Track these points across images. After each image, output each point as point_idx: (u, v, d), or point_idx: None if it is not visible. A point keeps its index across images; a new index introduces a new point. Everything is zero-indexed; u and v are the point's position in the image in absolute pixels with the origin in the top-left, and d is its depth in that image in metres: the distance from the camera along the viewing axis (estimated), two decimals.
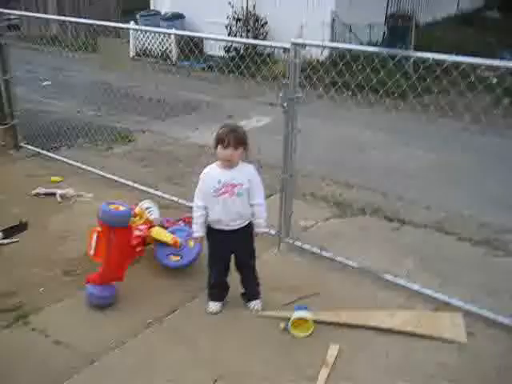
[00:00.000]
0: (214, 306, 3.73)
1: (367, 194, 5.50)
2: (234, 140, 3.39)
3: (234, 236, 3.57)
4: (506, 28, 14.93)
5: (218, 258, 3.69)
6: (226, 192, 3.46)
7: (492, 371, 3.24)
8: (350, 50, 4.28)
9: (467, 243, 4.69)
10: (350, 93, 4.96)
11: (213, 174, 3.51)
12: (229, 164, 3.47)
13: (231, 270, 3.77)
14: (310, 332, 3.50)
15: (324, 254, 4.40)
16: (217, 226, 3.57)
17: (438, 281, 4.13)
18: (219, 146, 3.42)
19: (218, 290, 3.77)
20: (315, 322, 3.54)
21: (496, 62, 3.44)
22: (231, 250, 3.65)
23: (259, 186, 3.58)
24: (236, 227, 3.55)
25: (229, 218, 3.51)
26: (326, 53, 10.73)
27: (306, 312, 3.54)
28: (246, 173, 3.52)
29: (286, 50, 4.13)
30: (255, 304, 3.75)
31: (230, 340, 3.47)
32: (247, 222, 3.60)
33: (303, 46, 4.09)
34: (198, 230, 3.60)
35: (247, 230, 3.62)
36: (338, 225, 5.00)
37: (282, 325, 3.55)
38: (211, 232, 3.62)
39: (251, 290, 3.79)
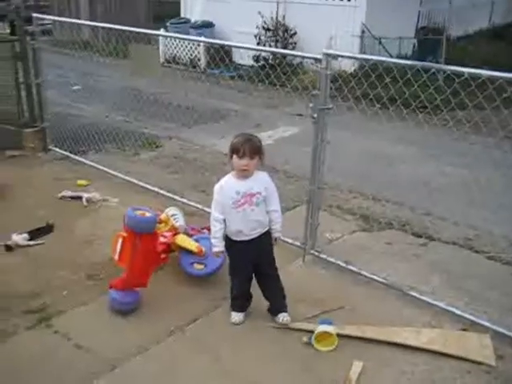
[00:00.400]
0: (236, 316, 3.69)
1: (395, 209, 5.43)
2: (250, 149, 3.36)
3: (253, 245, 3.53)
4: None
5: (239, 268, 3.66)
6: (246, 203, 3.43)
7: None
8: (382, 62, 4.22)
9: (496, 262, 4.59)
10: (381, 106, 4.90)
11: (230, 185, 3.47)
12: (244, 174, 3.43)
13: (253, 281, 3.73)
14: (333, 347, 3.44)
15: (349, 267, 4.34)
16: (236, 238, 3.53)
17: (466, 299, 4.04)
18: (234, 156, 3.39)
19: (240, 301, 3.73)
20: (339, 336, 3.48)
21: None
22: (251, 259, 3.60)
23: (275, 193, 3.57)
24: (255, 235, 3.52)
25: (249, 227, 3.48)
26: (356, 65, 10.70)
27: (331, 326, 3.48)
28: (261, 181, 3.50)
29: (317, 60, 4.11)
30: (283, 316, 3.65)
31: (252, 351, 3.43)
32: (265, 230, 3.57)
33: (335, 57, 4.05)
34: (218, 245, 3.56)
35: (266, 238, 3.59)
36: (364, 238, 4.93)
37: (305, 338, 3.50)
38: (231, 243, 3.58)
39: (277, 302, 3.71)
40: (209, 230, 4.53)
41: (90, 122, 7.32)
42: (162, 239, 4.08)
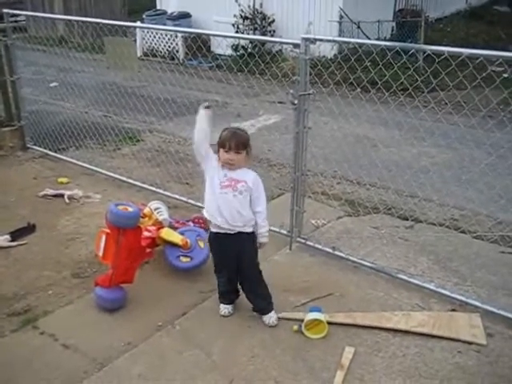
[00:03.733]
0: (225, 309, 3.65)
1: (380, 192, 5.41)
2: (236, 143, 3.32)
3: (236, 241, 3.43)
4: None
5: (222, 266, 3.59)
6: (230, 186, 3.37)
7: None
8: (361, 46, 4.19)
9: (483, 241, 4.59)
10: (362, 89, 4.87)
11: (221, 168, 3.42)
12: (232, 169, 3.39)
13: None
14: (324, 334, 3.42)
15: (337, 253, 4.31)
16: (219, 229, 3.43)
17: (454, 280, 4.04)
18: (221, 150, 3.36)
19: (228, 296, 3.68)
20: (329, 323, 3.46)
21: None
22: (233, 256, 3.49)
23: (262, 195, 3.49)
24: (238, 230, 3.41)
25: (230, 215, 3.36)
26: (335, 50, 10.67)
27: (320, 313, 3.45)
28: (250, 177, 3.44)
29: (296, 45, 4.05)
30: (269, 318, 3.56)
31: (242, 343, 3.39)
32: (249, 230, 3.45)
33: (314, 41, 4.00)
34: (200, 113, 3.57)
35: (248, 240, 3.47)
36: (350, 224, 4.91)
37: (296, 326, 3.47)
38: (214, 238, 3.52)
39: (259, 304, 3.60)
40: (194, 222, 4.52)
41: (69, 119, 7.21)
42: (146, 234, 4.02)
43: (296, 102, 4.10)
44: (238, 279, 3.62)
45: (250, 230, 3.46)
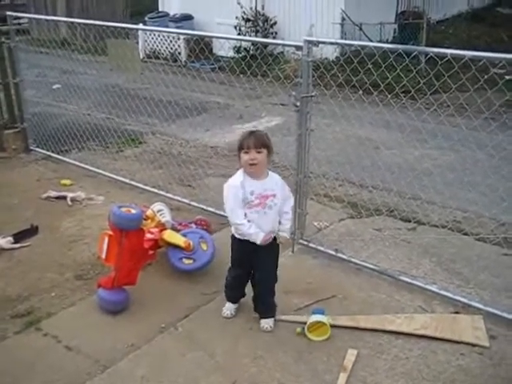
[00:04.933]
0: (228, 310, 3.63)
1: (382, 194, 5.41)
2: (255, 142, 3.23)
3: (256, 248, 3.37)
4: None
5: (238, 261, 3.53)
6: (259, 205, 3.29)
7: None
8: (363, 48, 4.19)
9: (486, 243, 4.59)
10: (364, 92, 4.88)
11: (246, 183, 3.29)
12: (254, 171, 3.27)
13: None
14: (326, 336, 3.42)
15: (339, 255, 4.32)
16: (240, 236, 3.41)
17: (457, 282, 4.05)
18: (242, 152, 3.26)
19: (234, 291, 3.65)
20: (332, 326, 3.46)
21: None
22: (253, 263, 3.46)
23: (289, 195, 3.48)
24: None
25: (260, 228, 3.32)
26: (337, 52, 10.67)
27: (323, 316, 3.45)
28: (275, 182, 3.37)
29: (298, 47, 4.06)
30: (266, 323, 3.52)
31: (245, 345, 3.39)
32: (274, 234, 3.43)
33: (316, 43, 4.01)
34: (257, 232, 3.31)
35: (272, 246, 3.44)
36: (353, 226, 4.91)
37: (299, 329, 3.47)
38: (236, 241, 3.46)
39: (264, 309, 3.58)
40: (196, 223, 4.53)
41: (72, 121, 7.21)
42: (148, 236, 4.02)
43: (298, 104, 4.10)
44: (248, 280, 3.59)
45: (274, 234, 3.43)
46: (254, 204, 3.28)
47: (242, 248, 3.44)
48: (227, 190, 3.36)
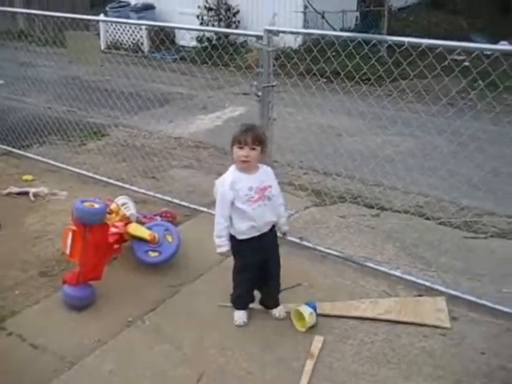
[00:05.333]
0: (240, 319, 3.50)
1: (346, 182, 5.47)
2: (251, 139, 3.17)
3: (263, 240, 3.36)
4: (476, 11, 15.03)
5: (249, 267, 3.41)
6: (260, 199, 3.24)
7: (476, 355, 3.23)
8: (323, 37, 4.21)
9: (447, 227, 4.70)
10: (325, 80, 4.91)
11: (241, 180, 3.24)
12: (246, 166, 3.23)
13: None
14: (303, 329, 3.43)
15: (304, 243, 4.35)
16: (246, 236, 3.31)
17: (420, 266, 4.13)
18: (235, 147, 3.20)
19: (245, 298, 3.55)
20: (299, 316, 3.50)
21: (471, 45, 3.44)
22: (261, 256, 3.40)
23: (278, 187, 3.45)
24: (265, 230, 3.36)
25: (262, 223, 3.30)
26: (299, 40, 10.70)
27: (310, 310, 3.42)
28: (268, 173, 3.36)
29: (258, 37, 4.06)
30: (279, 311, 3.55)
31: (212, 336, 3.40)
32: (273, 224, 3.43)
33: (276, 33, 4.01)
34: (224, 244, 3.32)
35: (273, 233, 3.46)
36: (317, 213, 4.95)
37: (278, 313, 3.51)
38: (238, 244, 3.36)
39: (271, 300, 3.58)
40: (161, 216, 4.51)
41: (32, 115, 7.07)
42: (113, 230, 3.99)
43: (260, 93, 4.11)
44: (258, 282, 3.51)
45: (274, 223, 3.44)
46: (255, 199, 3.24)
47: (249, 250, 3.36)
48: (217, 188, 3.35)
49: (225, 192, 3.27)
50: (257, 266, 3.42)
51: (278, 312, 3.55)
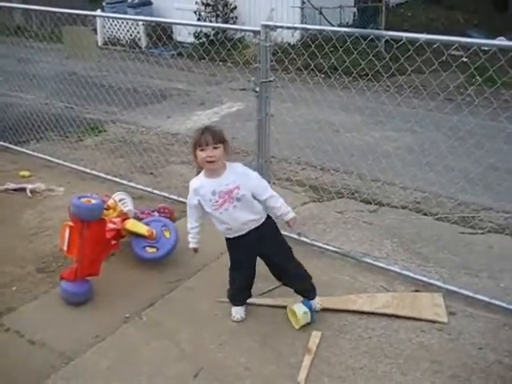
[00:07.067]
0: (238, 314, 3.50)
1: (343, 177, 5.47)
2: (212, 137, 3.10)
3: (252, 237, 3.28)
4: (473, 7, 15.04)
5: (240, 264, 3.42)
6: (225, 202, 3.17)
7: (473, 350, 3.24)
8: (321, 32, 4.20)
9: (444, 222, 4.70)
10: (323, 75, 4.90)
11: (204, 186, 3.21)
12: (213, 168, 3.16)
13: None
14: (297, 327, 3.43)
15: (302, 239, 4.36)
16: (229, 235, 3.32)
17: (418, 261, 4.13)
18: (198, 150, 3.13)
19: (242, 294, 3.53)
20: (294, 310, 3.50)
21: (469, 41, 3.43)
22: (254, 252, 3.37)
23: (259, 181, 3.30)
24: (250, 228, 3.27)
25: (238, 224, 3.24)
26: (297, 36, 10.68)
27: (304, 312, 3.41)
28: (237, 173, 3.22)
29: (256, 33, 4.05)
30: (316, 303, 3.52)
31: (210, 331, 3.40)
32: (263, 220, 3.31)
33: (273, 28, 4.00)
34: (193, 241, 3.42)
35: (268, 227, 3.34)
36: (315, 209, 4.96)
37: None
38: (227, 241, 3.38)
39: (306, 288, 3.52)
40: (159, 212, 4.51)
41: (29, 111, 7.05)
42: (111, 225, 3.98)
43: (257, 89, 4.10)
44: (254, 276, 3.49)
45: (264, 219, 3.32)
46: (219, 203, 3.18)
47: (237, 246, 3.35)
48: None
49: (189, 198, 3.33)
50: (249, 264, 3.41)
51: (315, 304, 3.50)
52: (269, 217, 3.38)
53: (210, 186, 3.19)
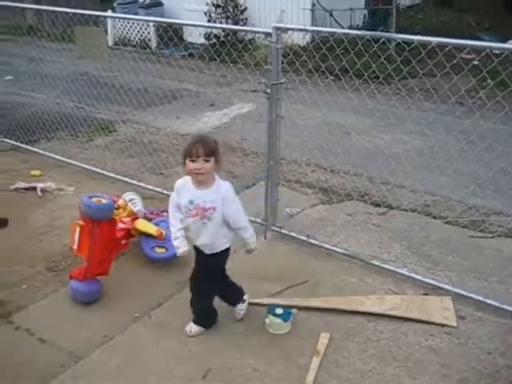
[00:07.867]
0: (192, 328, 3.43)
1: (353, 180, 5.46)
2: (203, 150, 3.00)
3: (203, 258, 3.26)
4: (484, 9, 14.98)
5: (215, 281, 3.38)
6: (197, 215, 3.10)
7: (482, 354, 3.23)
8: (332, 34, 4.20)
9: (454, 226, 4.68)
10: (334, 77, 4.90)
11: (186, 191, 3.14)
12: (200, 179, 3.08)
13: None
14: (286, 331, 3.41)
15: (311, 241, 4.36)
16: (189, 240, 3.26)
17: (427, 265, 4.12)
18: (187, 160, 3.04)
19: (215, 315, 3.48)
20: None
21: (481, 44, 3.43)
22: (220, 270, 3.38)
23: (237, 208, 3.18)
24: (207, 252, 3.24)
25: (197, 239, 3.21)
26: (307, 38, 10.67)
27: (278, 323, 3.40)
28: (218, 194, 3.10)
29: (267, 34, 4.05)
30: (241, 309, 3.52)
31: (219, 332, 3.41)
32: (216, 251, 3.23)
33: (285, 30, 4.01)
34: (183, 245, 3.20)
35: (214, 262, 3.29)
36: (324, 211, 4.95)
37: (267, 320, 3.45)
38: (198, 254, 3.31)
39: (232, 298, 3.55)
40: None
41: (41, 110, 7.10)
42: (120, 225, 4.01)
43: (268, 91, 4.11)
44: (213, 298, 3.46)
45: (228, 245, 3.28)
46: (191, 214, 3.12)
47: (208, 263, 3.30)
48: None
49: (172, 195, 3.25)
50: (219, 278, 3.40)
51: (240, 310, 3.52)
52: (224, 251, 3.27)
53: (190, 194, 3.12)
